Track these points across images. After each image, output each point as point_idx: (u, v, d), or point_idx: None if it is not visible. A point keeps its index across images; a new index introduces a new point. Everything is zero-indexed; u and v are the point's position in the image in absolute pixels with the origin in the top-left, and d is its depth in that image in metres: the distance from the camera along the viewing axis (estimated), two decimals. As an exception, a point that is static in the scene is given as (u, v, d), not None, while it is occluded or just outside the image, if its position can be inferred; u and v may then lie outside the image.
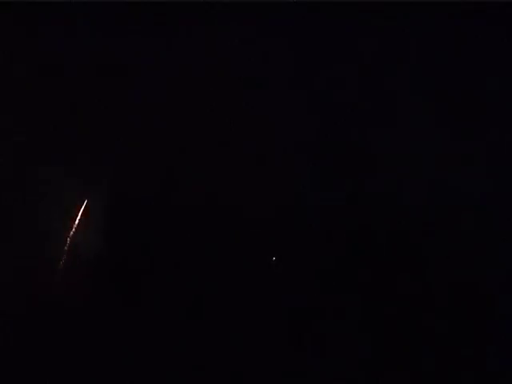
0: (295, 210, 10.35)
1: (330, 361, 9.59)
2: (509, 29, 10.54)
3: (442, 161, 10.43)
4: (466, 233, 10.17)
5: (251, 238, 10.14)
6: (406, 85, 10.71)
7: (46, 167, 10.10)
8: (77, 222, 10.02)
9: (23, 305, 9.57)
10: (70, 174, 10.02)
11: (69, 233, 10.00)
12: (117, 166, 10.42)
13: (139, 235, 10.16)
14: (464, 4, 10.40)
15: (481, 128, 10.54)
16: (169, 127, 10.54)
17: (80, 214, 10.06)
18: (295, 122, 10.65)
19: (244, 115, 10.60)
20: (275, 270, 10.12)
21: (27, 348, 9.43)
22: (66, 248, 9.92)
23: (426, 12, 10.54)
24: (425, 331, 9.76)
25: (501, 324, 9.73)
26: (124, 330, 9.57)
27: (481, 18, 10.49)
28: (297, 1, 10.63)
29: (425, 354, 9.65)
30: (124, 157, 10.44)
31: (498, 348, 9.62)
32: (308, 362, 9.60)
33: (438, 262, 10.10)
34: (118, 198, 10.25)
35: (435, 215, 10.24)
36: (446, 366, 9.55)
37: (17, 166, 10.24)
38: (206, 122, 10.60)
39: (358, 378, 9.52)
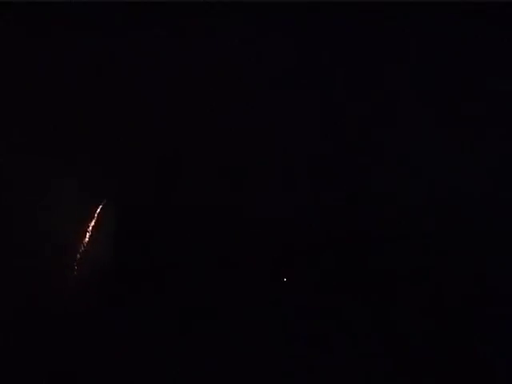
0: (295, 209, 10.36)
1: (329, 362, 9.61)
2: (509, 29, 10.55)
3: (443, 161, 10.45)
4: (467, 233, 10.19)
5: (254, 239, 10.17)
6: (406, 85, 10.72)
7: (42, 171, 10.08)
8: (90, 227, 10.06)
9: (33, 311, 9.57)
10: (71, 174, 10.05)
11: (82, 238, 10.03)
12: (121, 171, 10.44)
13: (150, 241, 10.20)
14: (464, 4, 10.42)
15: (481, 128, 10.56)
16: (168, 128, 10.54)
17: (96, 217, 10.10)
18: (295, 121, 10.66)
19: (244, 115, 10.61)
20: (277, 269, 10.15)
21: (35, 355, 9.44)
22: (78, 254, 9.96)
23: (426, 12, 10.55)
24: (425, 331, 9.77)
25: (502, 324, 9.75)
26: (136, 336, 9.59)
27: (481, 18, 10.50)
28: (297, 1, 10.64)
29: (426, 355, 9.67)
30: (127, 161, 10.47)
31: (500, 348, 9.64)
32: (307, 364, 9.62)
33: (439, 261, 10.12)
34: (127, 203, 10.30)
35: (436, 216, 10.27)
36: (451, 366, 9.58)
37: (17, 167, 10.25)
38: (206, 122, 10.61)
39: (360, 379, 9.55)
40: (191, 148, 10.51)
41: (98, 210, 10.14)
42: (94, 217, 10.11)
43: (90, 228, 10.06)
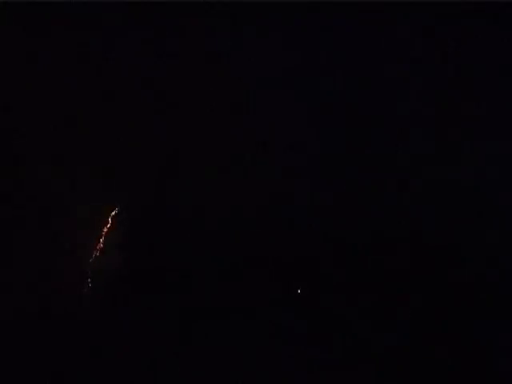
0: (295, 210, 10.37)
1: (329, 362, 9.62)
2: (509, 29, 10.56)
3: (443, 160, 10.46)
4: (467, 233, 10.20)
5: (254, 238, 10.19)
6: (406, 85, 10.73)
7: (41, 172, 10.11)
8: (105, 230, 10.11)
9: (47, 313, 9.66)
10: (71, 175, 10.08)
11: (97, 243, 10.09)
12: (121, 171, 10.45)
13: (157, 243, 10.24)
14: (464, 4, 10.42)
15: (481, 128, 10.56)
16: (168, 128, 10.55)
17: (109, 222, 10.16)
18: (295, 121, 10.67)
19: (243, 115, 10.61)
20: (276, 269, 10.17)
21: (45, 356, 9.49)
22: (92, 259, 10.02)
23: (426, 12, 10.55)
24: (423, 332, 9.78)
25: (502, 323, 9.76)
26: (144, 337, 9.65)
27: (481, 18, 10.51)
28: (297, 1, 10.64)
29: (426, 355, 9.68)
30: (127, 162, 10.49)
31: (500, 347, 9.65)
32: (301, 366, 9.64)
33: (439, 261, 10.13)
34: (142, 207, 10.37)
35: (436, 216, 10.28)
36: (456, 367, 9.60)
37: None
38: (206, 122, 10.62)
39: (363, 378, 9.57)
40: (191, 147, 10.53)
41: (112, 215, 10.22)
42: (108, 222, 10.20)
43: (104, 233, 10.13)
